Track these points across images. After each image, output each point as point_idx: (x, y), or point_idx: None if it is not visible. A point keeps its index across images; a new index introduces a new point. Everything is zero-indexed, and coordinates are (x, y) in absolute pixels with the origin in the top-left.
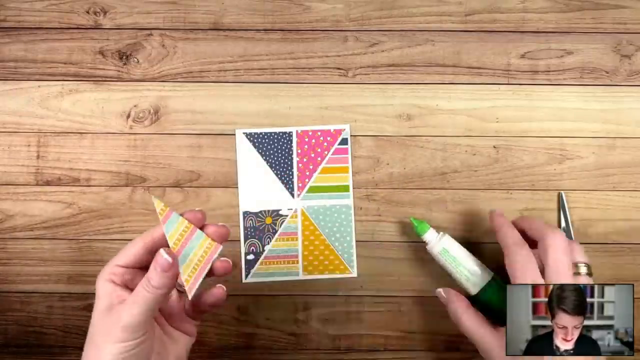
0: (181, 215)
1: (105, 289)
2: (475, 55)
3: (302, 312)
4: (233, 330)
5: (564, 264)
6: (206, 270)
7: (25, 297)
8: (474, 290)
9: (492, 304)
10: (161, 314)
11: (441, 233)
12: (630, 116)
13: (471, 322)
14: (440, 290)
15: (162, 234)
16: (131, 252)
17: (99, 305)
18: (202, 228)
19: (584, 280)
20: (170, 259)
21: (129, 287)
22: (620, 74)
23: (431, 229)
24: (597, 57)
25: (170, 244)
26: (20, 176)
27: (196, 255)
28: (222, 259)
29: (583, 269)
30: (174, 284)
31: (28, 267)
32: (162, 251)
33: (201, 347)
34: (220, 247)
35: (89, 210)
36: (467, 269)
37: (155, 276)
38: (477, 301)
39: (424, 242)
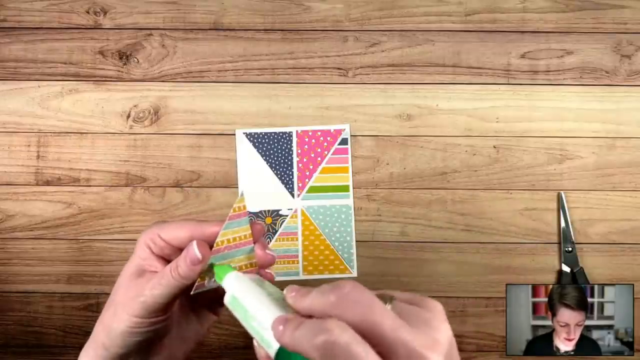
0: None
1: (141, 253)
2: (475, 55)
3: None
4: (233, 330)
5: None
6: None
7: (25, 297)
8: (271, 352)
9: None
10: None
11: (241, 275)
12: (630, 116)
13: None
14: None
15: (216, 232)
16: (176, 234)
17: (130, 266)
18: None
19: None
20: (200, 256)
21: (166, 259)
22: (620, 74)
23: (232, 272)
24: (597, 57)
25: (218, 239)
26: (20, 176)
27: (230, 264)
28: (268, 251)
29: None
30: None
31: (28, 267)
32: (194, 244)
33: (201, 347)
34: (256, 277)
35: (89, 210)
36: (260, 325)
37: (183, 265)
38: None
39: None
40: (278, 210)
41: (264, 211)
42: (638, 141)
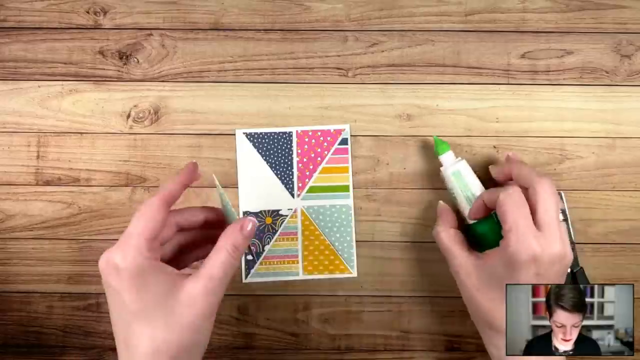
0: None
1: (165, 277)
2: (475, 55)
3: (302, 312)
4: (233, 330)
5: (553, 210)
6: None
7: (25, 297)
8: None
9: (483, 237)
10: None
11: (459, 158)
12: (630, 116)
13: (448, 239)
14: (440, 202)
15: (177, 189)
16: (156, 218)
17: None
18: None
19: (564, 225)
20: (257, 222)
21: (163, 259)
22: (620, 74)
23: (451, 151)
24: (597, 57)
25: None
26: (20, 176)
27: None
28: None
29: (561, 216)
30: None
31: (28, 267)
32: (252, 219)
33: None
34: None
35: (89, 210)
36: (473, 196)
37: (242, 241)
38: (471, 230)
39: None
40: (278, 210)
41: (264, 211)
42: (638, 141)
